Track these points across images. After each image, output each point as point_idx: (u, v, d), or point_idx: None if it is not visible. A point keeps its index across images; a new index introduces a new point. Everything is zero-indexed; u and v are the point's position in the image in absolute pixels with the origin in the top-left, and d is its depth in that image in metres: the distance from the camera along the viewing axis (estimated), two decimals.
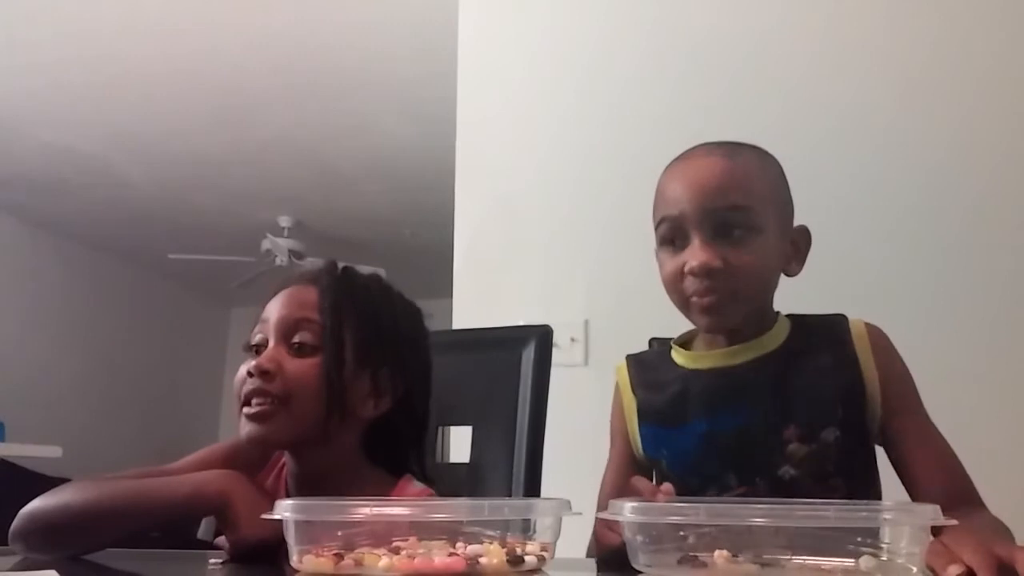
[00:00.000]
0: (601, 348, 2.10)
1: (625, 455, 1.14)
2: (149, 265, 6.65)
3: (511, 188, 2.29)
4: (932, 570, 0.67)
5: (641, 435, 1.12)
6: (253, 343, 1.04)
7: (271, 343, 1.02)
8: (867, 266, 1.95)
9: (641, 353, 1.21)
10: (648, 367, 1.15)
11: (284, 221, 5.69)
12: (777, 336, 1.08)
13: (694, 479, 1.06)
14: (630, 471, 1.11)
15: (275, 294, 1.07)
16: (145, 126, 4.48)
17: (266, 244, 5.54)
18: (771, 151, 1.13)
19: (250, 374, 1.00)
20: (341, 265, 1.11)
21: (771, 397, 1.03)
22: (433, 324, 1.15)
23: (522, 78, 2.34)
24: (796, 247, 1.09)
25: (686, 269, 1.01)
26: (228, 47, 3.73)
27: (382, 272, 1.19)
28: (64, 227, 5.98)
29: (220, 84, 4.05)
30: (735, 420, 1.04)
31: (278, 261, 5.51)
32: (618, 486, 1.10)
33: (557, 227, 2.23)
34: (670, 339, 1.17)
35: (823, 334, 1.07)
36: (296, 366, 1.00)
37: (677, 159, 1.10)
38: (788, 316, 1.11)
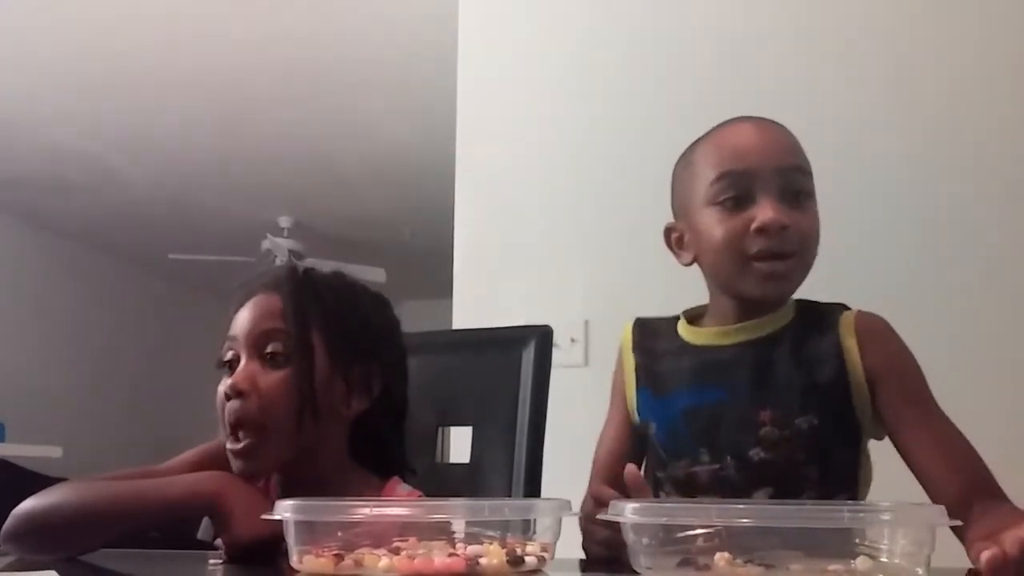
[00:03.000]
0: (601, 349, 2.10)
1: (623, 414, 1.14)
2: (149, 265, 6.65)
3: (511, 188, 2.29)
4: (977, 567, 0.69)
5: (636, 397, 1.12)
6: (225, 360, 1.03)
7: (243, 359, 1.01)
8: (867, 262, 1.94)
9: (650, 318, 1.19)
10: (652, 332, 1.15)
11: (284, 221, 5.69)
12: (777, 321, 1.06)
13: (673, 450, 1.07)
14: (626, 432, 1.13)
15: (239, 305, 1.06)
16: (145, 126, 4.47)
17: (266, 244, 5.53)
18: None
19: (227, 396, 0.99)
20: (302, 267, 1.10)
21: (750, 380, 1.03)
22: (433, 324, 1.15)
23: (522, 78, 2.33)
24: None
25: (755, 226, 0.99)
26: (228, 47, 3.73)
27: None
28: (64, 227, 5.98)
29: (220, 84, 4.05)
30: (712, 397, 1.04)
31: (278, 261, 5.51)
32: (613, 448, 1.13)
33: (557, 227, 2.23)
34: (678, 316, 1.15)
35: (817, 323, 1.05)
36: (271, 380, 0.99)
37: (726, 122, 1.09)
38: (797, 301, 1.09)
